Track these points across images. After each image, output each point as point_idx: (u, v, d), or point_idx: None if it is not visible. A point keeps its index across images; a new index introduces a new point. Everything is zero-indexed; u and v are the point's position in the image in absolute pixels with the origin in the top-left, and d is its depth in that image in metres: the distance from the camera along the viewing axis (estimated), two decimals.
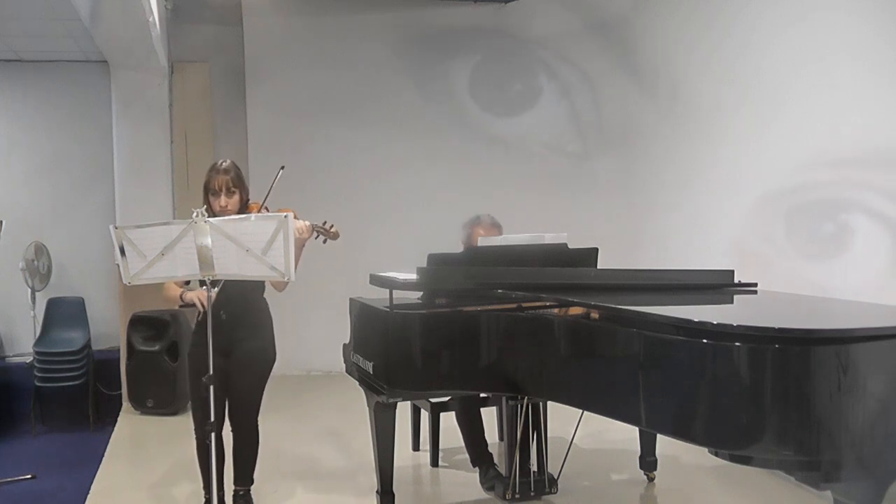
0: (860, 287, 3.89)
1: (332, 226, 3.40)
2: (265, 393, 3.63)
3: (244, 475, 3.62)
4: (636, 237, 6.17)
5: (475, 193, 6.25)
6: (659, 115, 5.89)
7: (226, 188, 3.36)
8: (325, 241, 3.43)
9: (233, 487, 3.62)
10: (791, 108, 4.41)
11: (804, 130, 4.29)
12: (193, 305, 3.28)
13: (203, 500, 3.55)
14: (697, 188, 5.42)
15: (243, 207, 3.43)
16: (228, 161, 3.45)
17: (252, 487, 3.66)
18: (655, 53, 5.95)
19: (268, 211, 3.35)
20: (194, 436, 3.50)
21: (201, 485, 3.51)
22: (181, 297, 3.32)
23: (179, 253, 2.94)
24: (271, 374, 3.66)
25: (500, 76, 6.98)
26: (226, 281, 3.10)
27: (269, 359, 3.60)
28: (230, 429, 3.55)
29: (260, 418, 3.61)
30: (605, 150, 6.69)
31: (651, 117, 6.02)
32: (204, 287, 3.09)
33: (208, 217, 2.93)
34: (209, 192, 3.39)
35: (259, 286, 3.51)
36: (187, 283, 3.37)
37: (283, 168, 3.37)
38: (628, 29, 6.28)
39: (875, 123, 3.80)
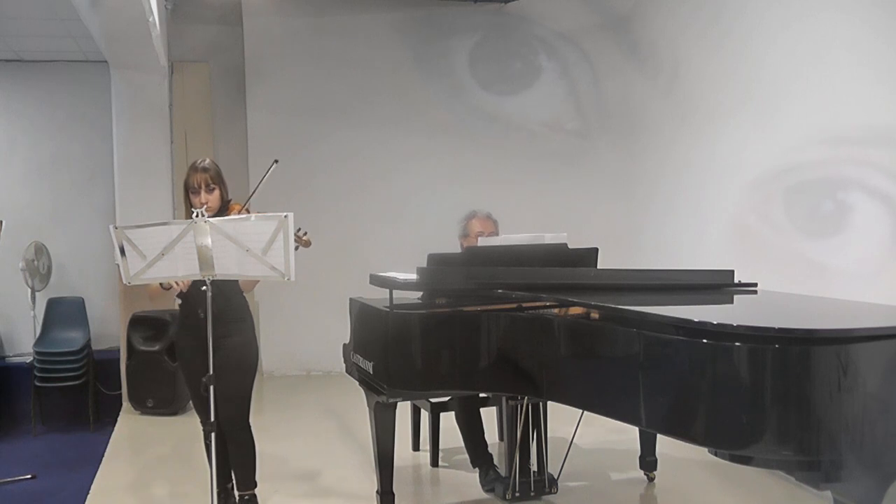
0: (859, 265, 3.92)
1: (305, 233, 3.34)
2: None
3: (246, 479, 3.54)
4: (637, 218, 6.24)
5: (476, 193, 6.24)
6: (660, 94, 5.92)
7: (205, 185, 3.36)
8: (296, 248, 3.28)
9: (237, 493, 3.56)
10: (791, 87, 4.43)
11: (804, 109, 4.32)
12: (171, 288, 3.27)
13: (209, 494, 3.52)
14: (698, 167, 5.45)
15: (224, 206, 3.43)
16: (208, 160, 3.46)
17: (257, 490, 3.57)
18: (657, 33, 5.99)
19: (248, 212, 3.34)
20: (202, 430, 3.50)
21: (201, 483, 3.49)
22: (161, 285, 3.29)
23: (179, 253, 2.94)
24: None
25: (502, 72, 7.00)
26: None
27: (253, 353, 3.54)
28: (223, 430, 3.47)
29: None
30: (606, 132, 6.75)
31: (652, 97, 6.05)
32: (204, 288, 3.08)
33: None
34: (189, 189, 3.39)
35: (236, 283, 3.44)
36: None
37: (276, 162, 3.32)
38: (629, 10, 6.31)
39: (873, 102, 3.82)
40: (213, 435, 3.12)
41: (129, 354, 5.78)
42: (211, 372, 3.05)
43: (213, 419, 3.07)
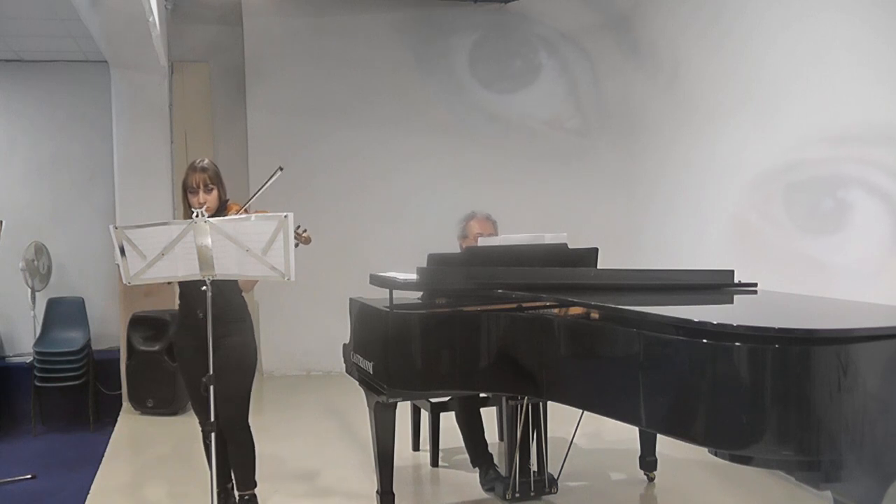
0: (859, 264, 3.93)
1: (305, 230, 3.34)
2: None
3: (245, 480, 3.53)
4: (637, 218, 6.25)
5: (476, 193, 6.25)
6: (660, 94, 5.93)
7: (203, 185, 3.35)
8: (296, 245, 3.19)
9: (236, 493, 3.56)
10: (791, 87, 4.44)
11: (804, 109, 4.32)
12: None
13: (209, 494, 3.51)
14: (698, 167, 5.45)
15: (222, 206, 3.42)
16: (207, 160, 3.46)
17: (257, 490, 3.57)
18: (657, 33, 5.99)
19: (247, 212, 3.33)
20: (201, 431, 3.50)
21: (201, 483, 3.48)
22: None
23: (179, 253, 2.94)
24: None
25: (502, 72, 7.01)
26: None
27: (252, 353, 3.53)
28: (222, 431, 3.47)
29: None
30: (606, 131, 6.76)
31: (652, 97, 6.06)
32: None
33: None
34: (187, 189, 3.39)
35: (235, 283, 3.44)
36: None
37: (281, 169, 3.32)
38: (629, 10, 6.32)
39: (873, 102, 3.83)
40: (212, 435, 3.13)
41: (129, 354, 5.78)
42: (210, 372, 3.05)
43: (212, 419, 3.07)
